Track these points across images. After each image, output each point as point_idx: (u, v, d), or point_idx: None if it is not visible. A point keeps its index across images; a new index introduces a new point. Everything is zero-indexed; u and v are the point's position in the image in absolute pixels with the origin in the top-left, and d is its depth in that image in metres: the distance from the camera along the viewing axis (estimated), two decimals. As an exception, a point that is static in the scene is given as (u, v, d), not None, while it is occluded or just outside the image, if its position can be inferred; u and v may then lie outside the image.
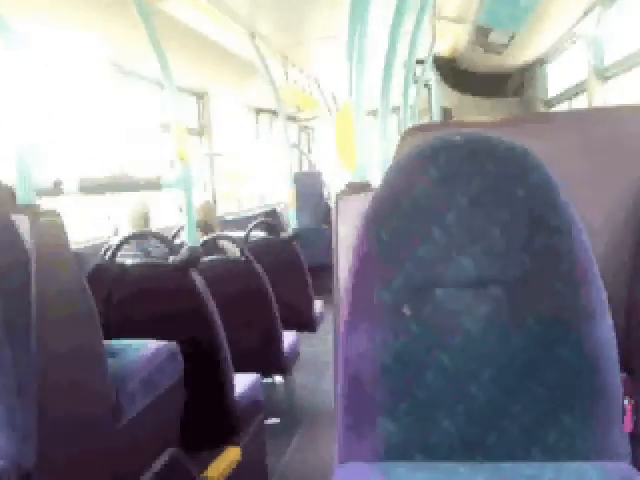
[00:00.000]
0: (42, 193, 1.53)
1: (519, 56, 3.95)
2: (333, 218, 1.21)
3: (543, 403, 0.92)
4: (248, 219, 3.76)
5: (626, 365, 0.94)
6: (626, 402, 0.91)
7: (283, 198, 5.56)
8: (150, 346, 1.65)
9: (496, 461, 0.92)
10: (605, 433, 0.91)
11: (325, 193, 6.07)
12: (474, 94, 4.55)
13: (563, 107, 3.78)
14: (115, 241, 2.15)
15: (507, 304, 0.94)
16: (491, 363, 0.94)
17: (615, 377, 0.91)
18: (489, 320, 0.95)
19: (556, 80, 4.02)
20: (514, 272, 0.94)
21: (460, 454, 0.94)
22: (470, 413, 0.94)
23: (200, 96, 4.57)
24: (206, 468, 1.87)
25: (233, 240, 2.73)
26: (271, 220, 4.06)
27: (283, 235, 3.56)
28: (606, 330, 0.91)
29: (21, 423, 1.15)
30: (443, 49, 4.46)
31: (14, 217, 1.22)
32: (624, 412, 0.91)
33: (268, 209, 5.39)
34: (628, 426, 0.91)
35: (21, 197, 1.31)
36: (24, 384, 1.16)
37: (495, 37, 3.71)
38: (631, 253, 1.05)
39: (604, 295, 0.92)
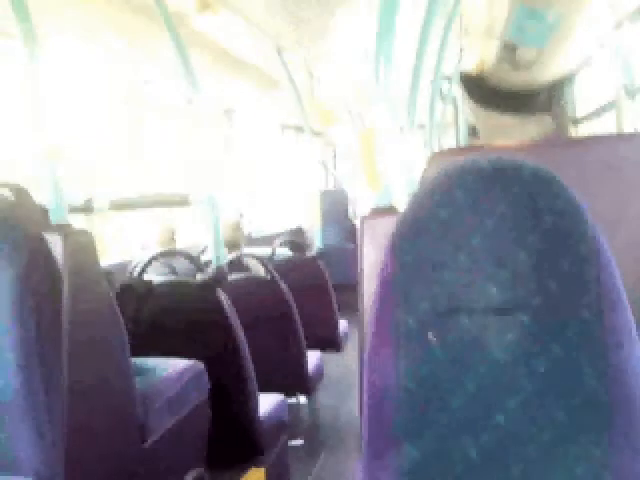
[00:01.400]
0: (74, 211, 1.57)
1: (547, 73, 3.92)
2: (359, 240, 1.22)
3: (570, 434, 0.90)
4: (274, 237, 3.78)
5: None
6: None
7: (303, 219, 5.57)
8: (177, 365, 1.67)
9: None
10: (634, 468, 0.89)
11: (350, 211, 6.07)
12: (501, 111, 4.52)
13: (592, 125, 3.73)
14: (142, 258, 2.18)
15: (533, 330, 0.93)
16: (517, 391, 0.93)
17: None
18: (515, 347, 0.93)
19: (585, 98, 3.98)
20: (540, 298, 0.93)
21: None
22: (494, 441, 0.93)
23: (226, 112, 4.63)
24: None
25: (259, 258, 2.75)
26: (296, 238, 4.07)
27: (308, 254, 3.57)
28: (635, 360, 0.89)
29: (50, 440, 1.17)
30: (470, 65, 4.44)
31: (47, 236, 1.25)
32: None
33: (294, 227, 5.41)
34: None
35: (54, 216, 1.35)
36: (53, 401, 1.17)
37: (522, 53, 3.68)
38: None
39: (633, 323, 0.90)
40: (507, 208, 0.96)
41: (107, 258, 2.73)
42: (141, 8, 2.39)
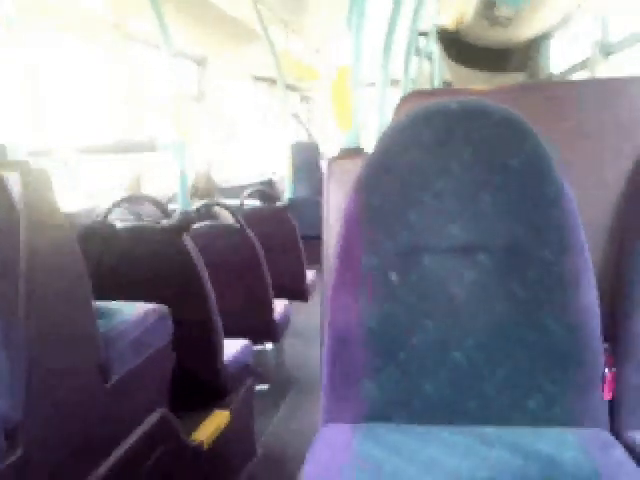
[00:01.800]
0: (34, 154, 1.51)
1: (524, 30, 3.90)
2: (325, 184, 1.20)
3: (525, 369, 0.93)
4: (244, 187, 3.74)
5: (609, 335, 0.94)
6: (607, 371, 0.92)
7: (277, 169, 5.53)
8: (140, 308, 1.65)
9: (477, 425, 0.93)
10: (585, 400, 0.92)
11: (321, 163, 6.03)
12: (477, 68, 4.50)
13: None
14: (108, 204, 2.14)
15: (493, 271, 0.94)
16: (475, 329, 0.95)
17: (597, 345, 0.91)
18: (475, 287, 0.95)
19: (560, 56, 3.98)
20: (502, 240, 0.94)
21: (441, 418, 0.95)
22: (453, 378, 0.95)
23: (199, 62, 4.51)
24: (194, 430, 1.88)
25: (227, 207, 2.72)
26: (266, 189, 4.03)
27: (278, 204, 3.55)
28: (590, 299, 0.91)
29: (8, 378, 1.15)
30: (447, 21, 4.39)
31: (3, 172, 1.21)
32: (604, 380, 0.92)
33: (264, 179, 5.36)
34: (607, 394, 0.92)
35: (11, 153, 1.30)
36: (12, 338, 1.15)
37: (501, 10, 3.65)
38: (621, 226, 1.05)
39: (590, 265, 0.92)
40: (474, 150, 0.96)
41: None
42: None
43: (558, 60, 3.97)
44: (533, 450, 0.84)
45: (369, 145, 1.35)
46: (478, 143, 0.96)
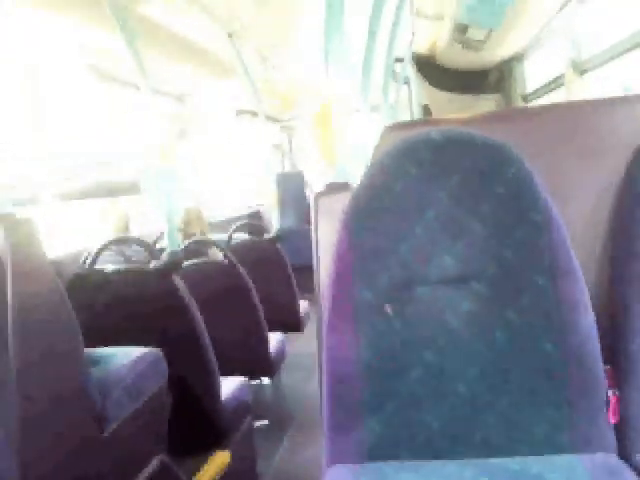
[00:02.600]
0: (21, 203, 1.50)
1: (497, 52, 3.97)
2: (312, 218, 1.21)
3: (528, 397, 0.92)
4: (231, 221, 3.74)
5: (609, 357, 0.94)
6: (610, 394, 0.92)
7: (261, 200, 5.54)
8: (133, 353, 1.63)
9: (483, 457, 0.92)
10: (590, 425, 0.91)
11: (307, 193, 6.06)
12: (453, 91, 4.56)
13: (541, 101, 3.80)
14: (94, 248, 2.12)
15: (489, 299, 0.94)
16: (475, 359, 0.94)
17: (598, 369, 0.91)
18: (472, 316, 0.94)
19: (534, 76, 4.05)
20: (495, 267, 0.94)
21: (447, 452, 0.94)
22: (455, 410, 0.94)
23: (179, 99, 4.54)
24: (195, 474, 1.85)
25: (215, 242, 2.71)
26: (254, 221, 4.04)
27: (266, 236, 3.55)
28: (588, 321, 0.91)
29: (2, 436, 1.13)
30: (422, 46, 4.46)
31: None
32: (608, 404, 0.91)
33: (251, 211, 5.38)
34: (613, 417, 0.92)
35: None
36: (3, 396, 1.13)
37: (473, 33, 3.72)
38: (612, 246, 1.05)
39: (585, 288, 0.92)
40: (460, 179, 0.96)
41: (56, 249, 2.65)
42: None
43: (533, 79, 4.04)
44: None
45: (353, 176, 1.36)
46: (464, 172, 0.97)
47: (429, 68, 4.64)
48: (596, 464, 0.86)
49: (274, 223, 3.85)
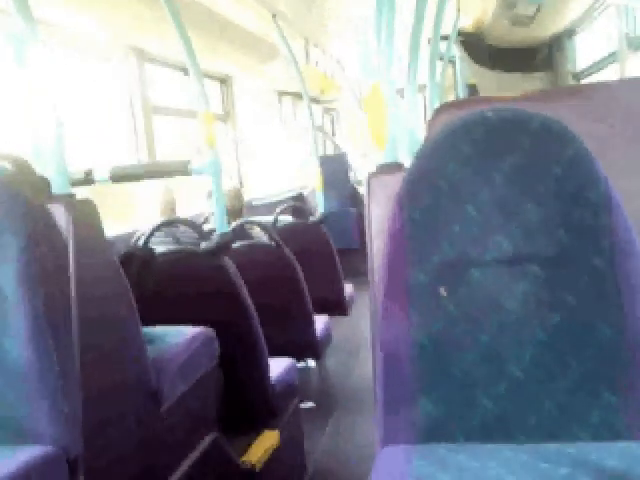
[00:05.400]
0: (75, 183, 1.55)
1: (546, 28, 3.85)
2: (365, 199, 1.20)
3: (584, 381, 0.91)
4: (275, 204, 3.76)
5: None
6: None
7: (304, 183, 5.55)
8: (186, 332, 1.67)
9: (537, 441, 0.91)
10: None
11: (350, 175, 6.04)
12: (500, 69, 4.46)
13: (592, 79, 3.68)
14: (145, 229, 2.17)
15: (544, 281, 0.93)
16: (530, 342, 0.93)
17: None
18: (527, 298, 0.93)
19: (586, 52, 3.91)
20: (551, 249, 0.93)
21: (500, 435, 0.94)
22: (510, 393, 0.94)
23: (224, 81, 4.57)
24: (245, 452, 1.89)
25: (262, 225, 2.74)
26: (298, 204, 4.05)
27: (311, 219, 3.56)
28: None
29: (66, 409, 1.18)
30: (467, 24, 4.36)
31: (50, 206, 1.24)
32: None
33: (295, 193, 5.40)
34: None
35: (56, 187, 1.33)
36: (67, 370, 1.18)
37: (521, 9, 3.61)
38: None
39: None
40: (515, 159, 0.95)
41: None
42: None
43: (584, 56, 3.91)
44: (601, 466, 0.82)
45: (401, 156, 1.35)
46: (519, 152, 0.95)
47: (475, 46, 4.53)
48: None
49: (318, 206, 3.85)
